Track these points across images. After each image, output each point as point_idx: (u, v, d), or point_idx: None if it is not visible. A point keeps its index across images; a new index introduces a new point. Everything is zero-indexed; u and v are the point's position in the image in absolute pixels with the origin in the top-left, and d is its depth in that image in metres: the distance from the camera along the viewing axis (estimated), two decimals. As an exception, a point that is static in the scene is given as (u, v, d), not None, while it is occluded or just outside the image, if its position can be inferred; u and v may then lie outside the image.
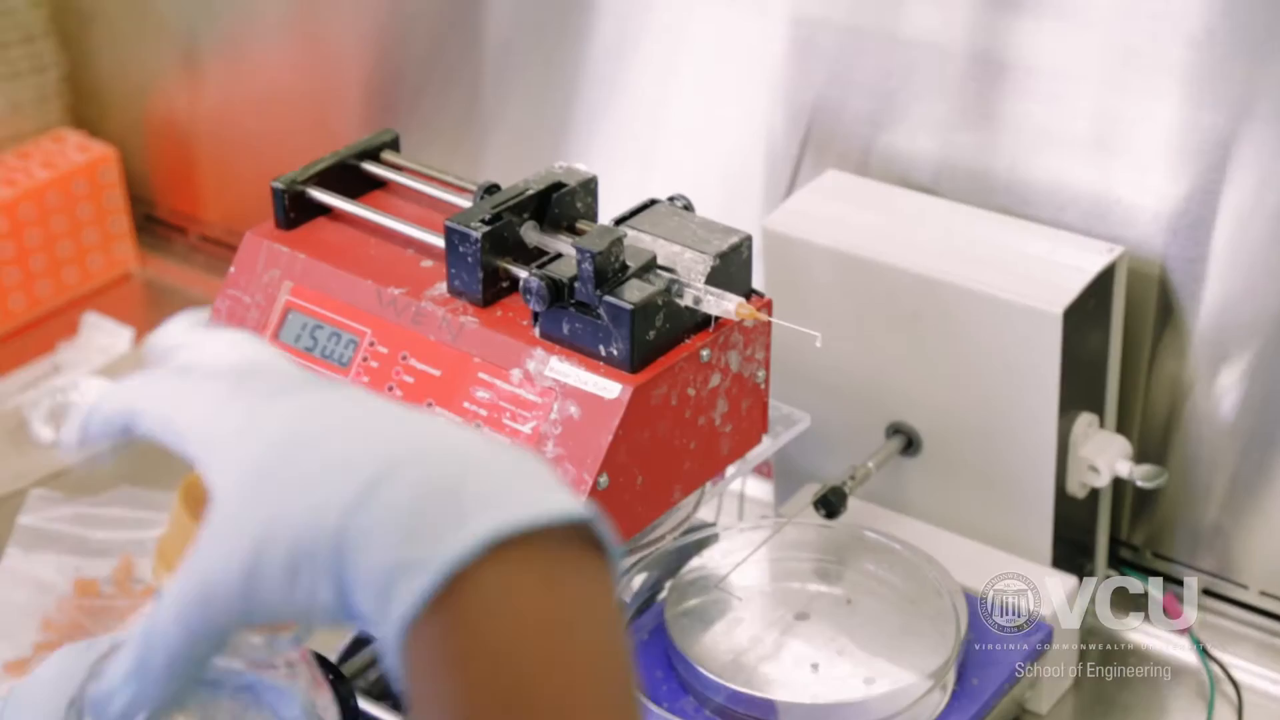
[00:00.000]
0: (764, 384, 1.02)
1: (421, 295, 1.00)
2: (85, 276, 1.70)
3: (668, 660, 1.04)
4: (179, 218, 1.77)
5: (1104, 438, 1.14)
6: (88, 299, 1.69)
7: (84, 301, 1.68)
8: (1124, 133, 1.12)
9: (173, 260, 1.76)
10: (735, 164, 1.29)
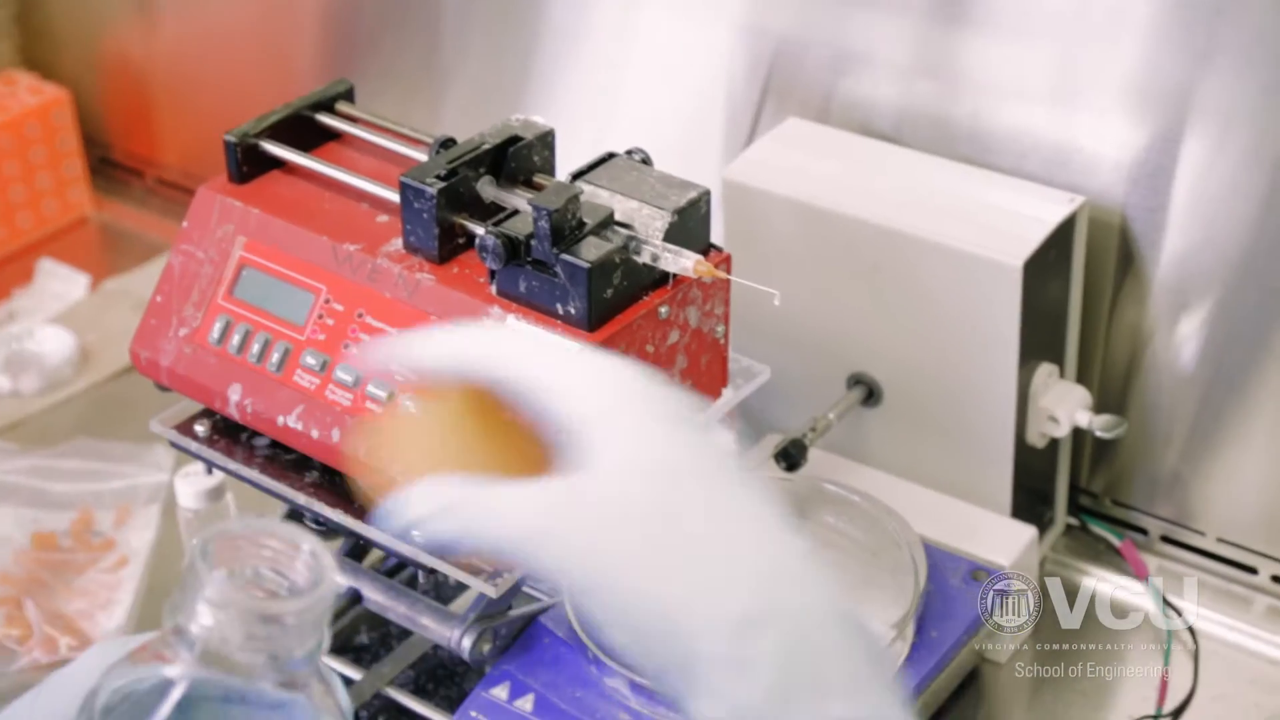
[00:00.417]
0: (723, 339, 1.01)
1: (377, 251, 0.99)
2: (40, 221, 1.68)
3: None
4: (135, 160, 1.75)
5: (1064, 388, 1.14)
6: (43, 244, 1.67)
7: (39, 247, 1.66)
8: (1084, 81, 1.12)
9: (129, 204, 1.74)
10: (696, 113, 1.28)
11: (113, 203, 1.73)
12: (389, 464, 0.69)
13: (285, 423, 0.99)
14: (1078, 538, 1.24)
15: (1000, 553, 1.11)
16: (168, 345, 1.04)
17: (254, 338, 1.01)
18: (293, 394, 0.99)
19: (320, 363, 0.99)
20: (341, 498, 1.00)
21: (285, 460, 1.03)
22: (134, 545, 1.28)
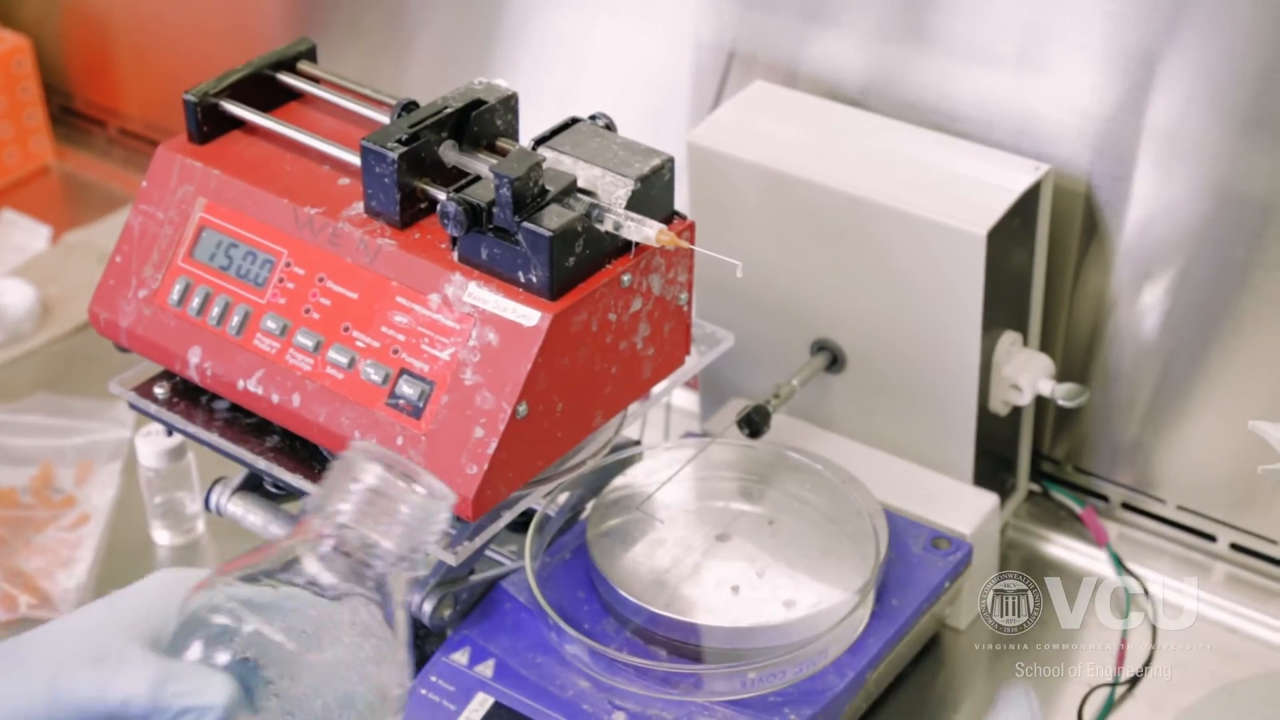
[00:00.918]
0: (687, 306, 1.01)
1: (339, 215, 0.98)
2: (1, 170, 1.66)
3: (589, 581, 1.04)
4: (97, 110, 1.73)
5: (1027, 356, 1.14)
6: (4, 194, 1.65)
7: (1, 196, 1.64)
8: (1050, 50, 1.11)
9: (91, 154, 1.72)
10: (661, 75, 1.27)
11: (74, 153, 1.72)
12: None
13: (245, 386, 0.99)
14: (1039, 504, 1.25)
15: (961, 520, 1.11)
16: (127, 306, 1.03)
17: (214, 300, 1.00)
18: (253, 358, 0.99)
19: (281, 327, 0.98)
20: (301, 462, 1.00)
21: (245, 424, 1.02)
22: (95, 503, 1.27)
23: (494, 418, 0.91)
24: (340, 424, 0.95)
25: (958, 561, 1.08)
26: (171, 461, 1.21)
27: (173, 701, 0.71)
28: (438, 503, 0.73)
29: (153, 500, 1.23)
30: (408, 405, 0.93)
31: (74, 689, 0.72)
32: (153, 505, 1.23)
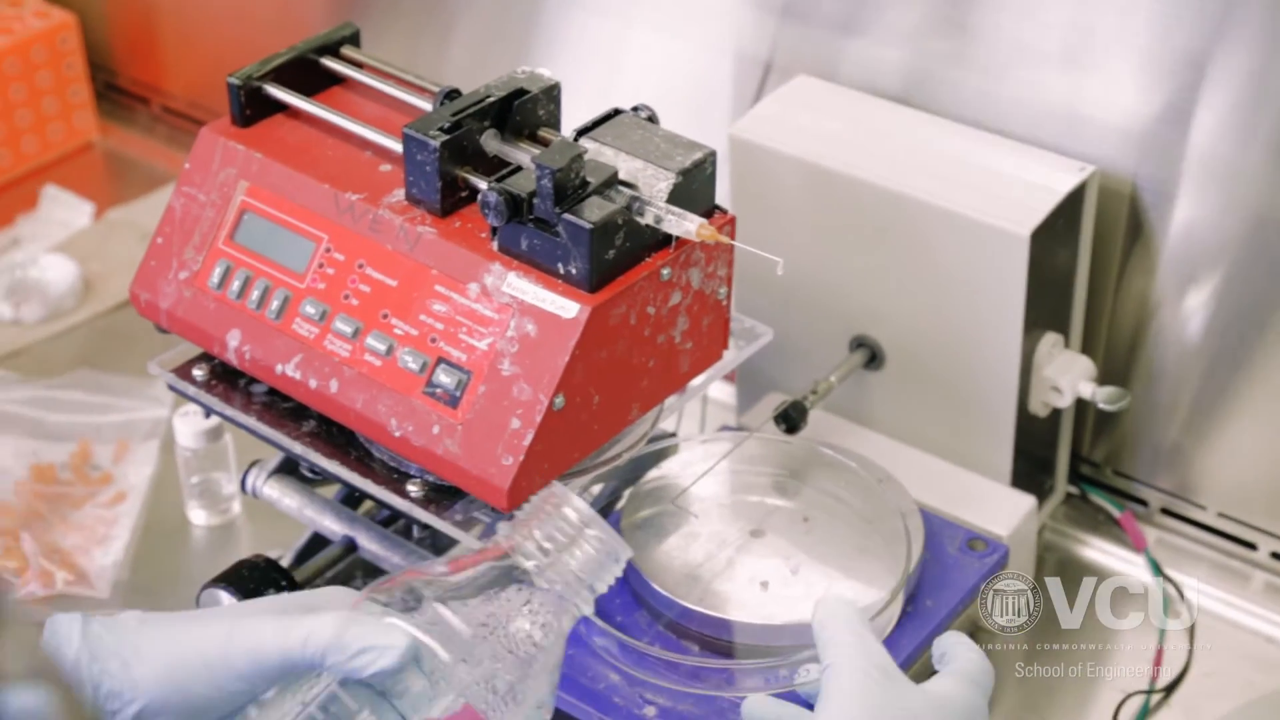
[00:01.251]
0: (726, 300, 1.00)
1: (379, 201, 0.98)
2: (45, 146, 1.67)
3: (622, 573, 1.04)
4: (141, 88, 1.73)
5: (1068, 358, 1.13)
6: (48, 169, 1.66)
7: (44, 172, 1.65)
8: (1098, 49, 1.10)
9: (135, 131, 1.73)
10: (704, 67, 1.27)
11: (118, 129, 1.72)
12: None
13: (283, 371, 0.99)
14: (1077, 507, 1.24)
15: (998, 522, 1.10)
16: (168, 288, 1.03)
17: (254, 284, 1.00)
18: (291, 342, 0.99)
19: (320, 312, 0.98)
20: (338, 448, 1.00)
21: (282, 408, 1.02)
22: (132, 480, 1.28)
23: (530, 409, 0.91)
24: (377, 411, 0.95)
25: (993, 563, 1.07)
26: (209, 442, 1.21)
27: (354, 641, 0.75)
28: (620, 551, 0.81)
29: (189, 480, 1.23)
30: (444, 394, 0.93)
31: (254, 630, 0.77)
32: (189, 485, 1.24)
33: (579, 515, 0.80)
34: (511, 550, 0.80)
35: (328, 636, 0.76)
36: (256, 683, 0.77)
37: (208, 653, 0.77)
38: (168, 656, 0.78)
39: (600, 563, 0.80)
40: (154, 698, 0.77)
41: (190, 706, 0.77)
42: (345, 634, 0.76)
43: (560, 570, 0.80)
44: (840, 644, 0.81)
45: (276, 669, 0.77)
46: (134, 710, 0.77)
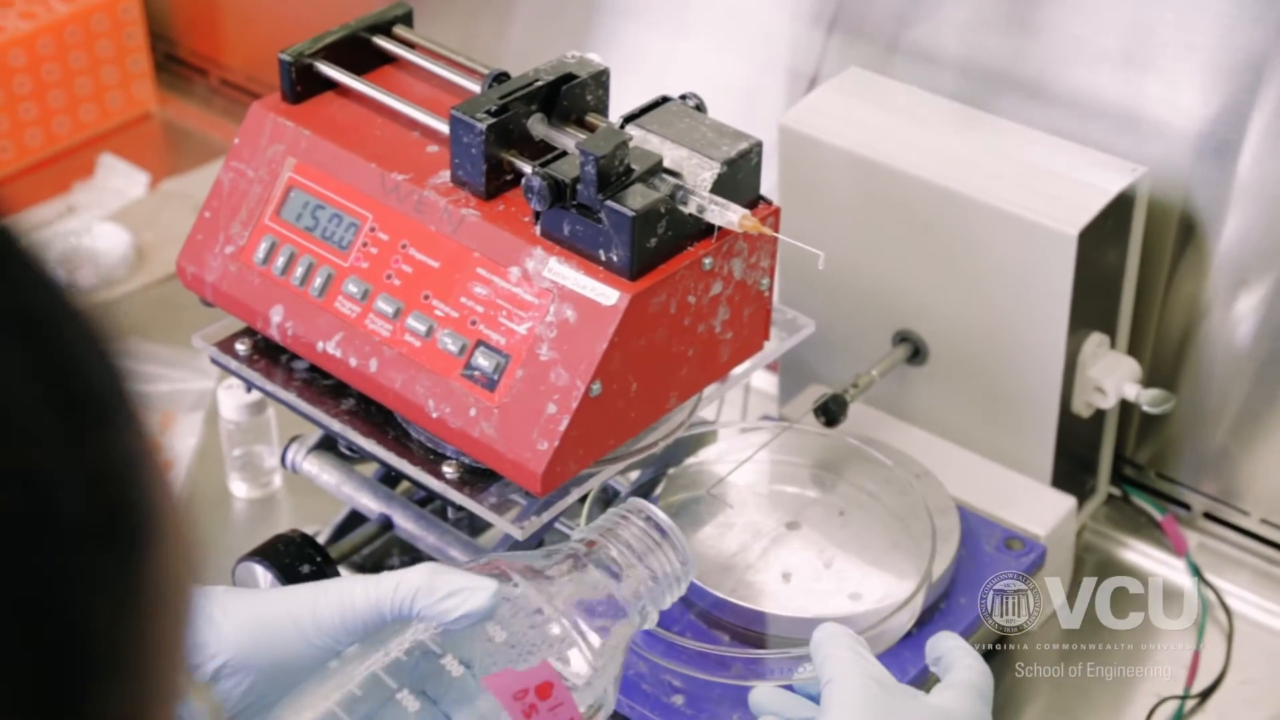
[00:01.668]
0: (768, 291, 1.00)
1: (425, 183, 0.98)
2: (104, 115, 1.68)
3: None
4: (200, 59, 1.74)
5: (1113, 359, 1.12)
6: (106, 138, 1.67)
7: (102, 140, 1.66)
8: (1156, 48, 1.09)
9: (193, 102, 1.74)
10: (760, 55, 1.26)
11: (176, 100, 1.73)
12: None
13: (324, 348, 0.99)
14: (1119, 508, 1.23)
15: (1037, 522, 1.09)
16: (214, 261, 1.04)
17: (298, 261, 1.01)
18: (333, 320, 0.99)
19: (362, 291, 0.98)
20: (375, 427, 1.00)
21: (323, 385, 1.03)
22: (176, 451, 1.29)
23: (567, 395, 0.91)
24: (415, 392, 0.95)
25: (1030, 563, 1.07)
26: (252, 416, 1.22)
27: (443, 584, 0.78)
28: (688, 569, 0.85)
29: (231, 452, 1.24)
30: (482, 377, 0.93)
31: (343, 586, 0.80)
32: (231, 457, 1.24)
33: (664, 528, 0.84)
34: (590, 550, 0.83)
35: (418, 581, 0.78)
36: (342, 637, 0.79)
37: (295, 608, 0.79)
38: (254, 614, 0.79)
39: (674, 577, 0.85)
40: (237, 653, 0.78)
41: (274, 662, 0.78)
42: (435, 579, 0.78)
43: (636, 578, 0.83)
44: (838, 659, 0.81)
45: (365, 619, 0.78)
46: (215, 665, 0.77)
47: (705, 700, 0.98)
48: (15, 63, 1.59)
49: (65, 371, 0.40)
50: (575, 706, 0.79)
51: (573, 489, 0.97)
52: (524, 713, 0.78)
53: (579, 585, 0.82)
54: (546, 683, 0.78)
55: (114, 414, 0.41)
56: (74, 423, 0.39)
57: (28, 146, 1.63)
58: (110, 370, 0.41)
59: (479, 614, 0.78)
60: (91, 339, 0.41)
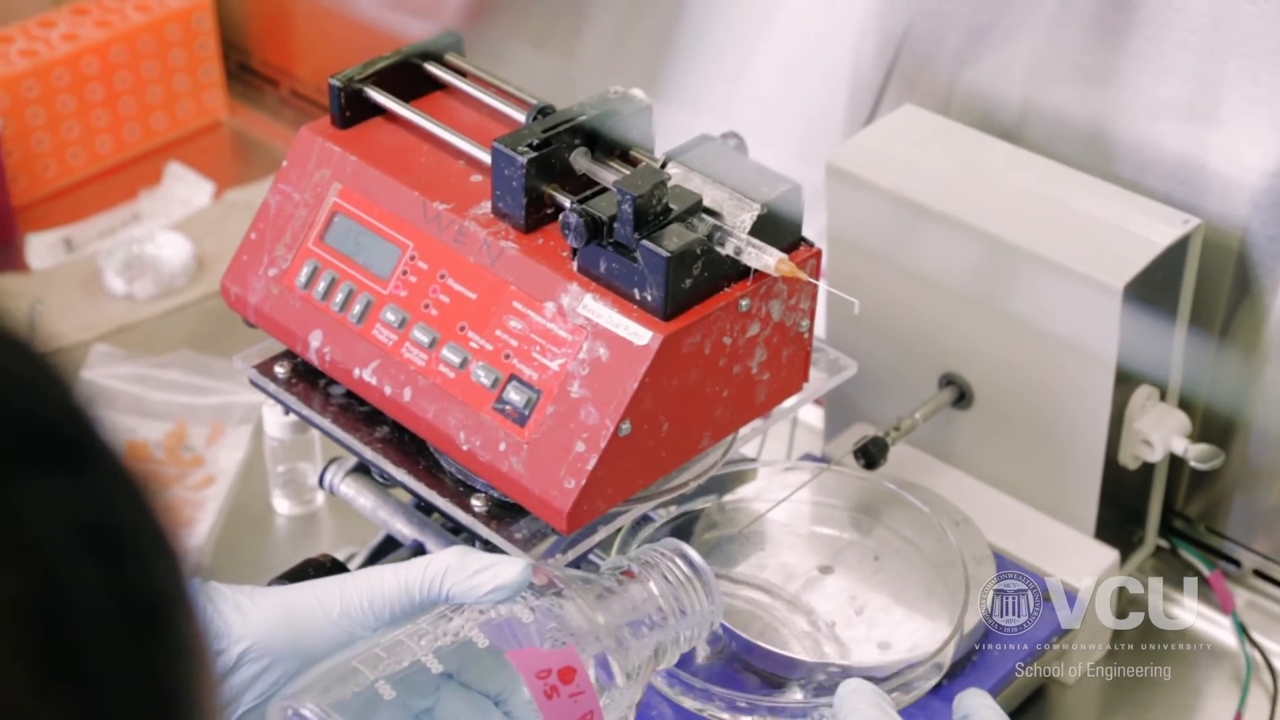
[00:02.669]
0: (807, 333, 0.99)
1: (466, 213, 0.98)
2: (174, 123, 1.70)
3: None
4: (271, 70, 1.76)
5: (1162, 411, 1.10)
6: (175, 146, 1.69)
7: (171, 148, 1.68)
8: (1218, 99, 1.07)
9: (263, 113, 1.75)
10: (820, 89, 1.25)
11: (246, 110, 1.75)
12: None
13: (361, 375, 0.99)
14: (1167, 561, 1.21)
15: (1077, 575, 1.07)
16: (257, 283, 1.05)
17: (339, 286, 1.01)
18: (370, 347, 0.99)
19: (399, 319, 0.98)
20: (407, 456, 1.00)
21: (359, 411, 1.03)
22: (222, 465, 1.30)
23: (596, 433, 0.91)
24: (447, 423, 0.95)
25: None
26: (295, 434, 1.23)
27: (473, 561, 0.78)
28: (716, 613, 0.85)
29: (275, 469, 1.25)
30: (514, 412, 0.93)
31: (372, 573, 0.79)
32: (275, 474, 1.25)
33: (699, 570, 0.84)
34: (625, 580, 0.83)
35: (448, 559, 0.78)
36: (369, 621, 0.78)
37: (322, 593, 0.78)
38: (282, 600, 0.78)
39: (703, 620, 0.85)
40: (261, 636, 0.77)
41: (298, 647, 0.77)
42: (465, 558, 0.78)
43: (667, 611, 0.83)
44: (862, 716, 0.80)
45: (393, 601, 0.78)
46: (240, 649, 0.76)
47: (728, 744, 0.97)
48: (89, 70, 1.61)
49: (134, 579, 0.40)
50: (596, 700, 0.78)
51: (600, 527, 0.96)
52: (545, 693, 0.77)
53: (612, 606, 0.82)
54: (570, 667, 0.77)
55: (175, 612, 0.42)
56: (134, 631, 0.40)
57: (98, 153, 1.65)
58: (174, 565, 0.42)
59: (511, 587, 0.77)
60: (159, 534, 0.42)
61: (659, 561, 0.85)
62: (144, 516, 0.41)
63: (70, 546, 0.39)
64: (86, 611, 0.39)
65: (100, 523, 0.40)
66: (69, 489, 0.40)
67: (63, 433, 0.41)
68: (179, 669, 0.42)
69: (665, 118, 1.01)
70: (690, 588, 0.84)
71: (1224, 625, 1.16)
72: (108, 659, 0.39)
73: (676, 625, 0.84)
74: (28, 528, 0.38)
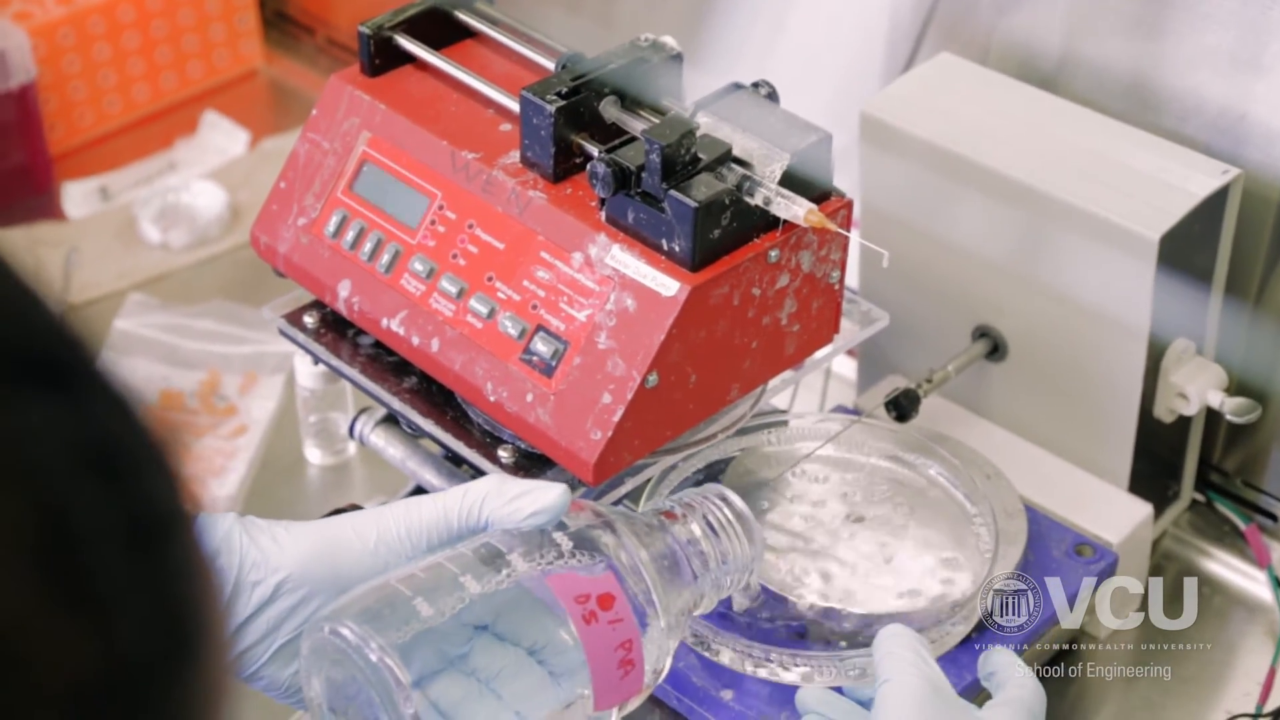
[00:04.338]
0: (838, 284, 0.98)
1: (495, 162, 0.98)
2: (210, 71, 1.69)
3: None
4: (308, 18, 1.75)
5: (1198, 364, 1.09)
6: (211, 94, 1.68)
7: (207, 97, 1.68)
8: (1262, 47, 1.05)
9: (299, 61, 1.74)
10: (858, 40, 1.24)
11: (283, 58, 1.74)
12: None
13: (389, 325, 0.99)
14: (1203, 515, 1.20)
15: (1110, 529, 1.07)
16: (286, 232, 1.04)
17: (367, 236, 1.01)
18: (398, 297, 0.99)
19: (428, 269, 0.98)
20: (435, 407, 1.00)
21: (387, 362, 1.03)
22: (255, 415, 1.30)
23: (623, 385, 0.90)
24: (474, 373, 0.95)
25: (1101, 570, 1.04)
26: (327, 384, 1.23)
27: (512, 487, 0.78)
28: (757, 560, 0.85)
29: (307, 419, 1.25)
30: (540, 362, 0.93)
31: (410, 502, 0.79)
32: (307, 424, 1.25)
33: (741, 514, 0.84)
34: (667, 521, 0.83)
35: (486, 486, 0.78)
36: (407, 549, 0.78)
37: (359, 524, 0.78)
38: (318, 531, 0.78)
39: (743, 563, 0.84)
40: (298, 567, 0.77)
41: (336, 576, 0.77)
42: (504, 484, 0.78)
43: (709, 555, 0.83)
44: (900, 660, 0.80)
45: (431, 528, 0.78)
46: (277, 579, 0.76)
47: (754, 697, 0.96)
48: (125, 18, 1.61)
49: (135, 497, 0.41)
50: (635, 628, 0.77)
51: (627, 479, 0.96)
52: (584, 618, 0.76)
53: (654, 546, 0.81)
54: (609, 594, 0.77)
55: (175, 531, 0.42)
56: (141, 551, 0.40)
57: (135, 101, 1.65)
58: (172, 486, 0.42)
59: (551, 510, 0.77)
60: (156, 455, 0.42)
61: (701, 504, 0.84)
62: (139, 437, 0.42)
63: (69, 467, 0.39)
64: (90, 530, 0.39)
65: (97, 443, 0.40)
66: (64, 411, 0.40)
67: (55, 356, 0.41)
68: (184, 587, 0.42)
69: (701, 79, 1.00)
70: (731, 531, 0.84)
71: (1259, 579, 1.15)
72: (114, 576, 0.40)
73: (718, 570, 0.83)
74: (26, 449, 0.39)
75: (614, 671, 0.77)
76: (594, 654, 0.76)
